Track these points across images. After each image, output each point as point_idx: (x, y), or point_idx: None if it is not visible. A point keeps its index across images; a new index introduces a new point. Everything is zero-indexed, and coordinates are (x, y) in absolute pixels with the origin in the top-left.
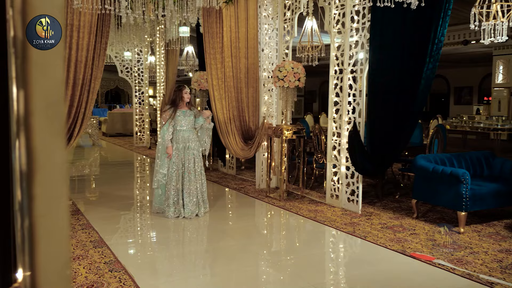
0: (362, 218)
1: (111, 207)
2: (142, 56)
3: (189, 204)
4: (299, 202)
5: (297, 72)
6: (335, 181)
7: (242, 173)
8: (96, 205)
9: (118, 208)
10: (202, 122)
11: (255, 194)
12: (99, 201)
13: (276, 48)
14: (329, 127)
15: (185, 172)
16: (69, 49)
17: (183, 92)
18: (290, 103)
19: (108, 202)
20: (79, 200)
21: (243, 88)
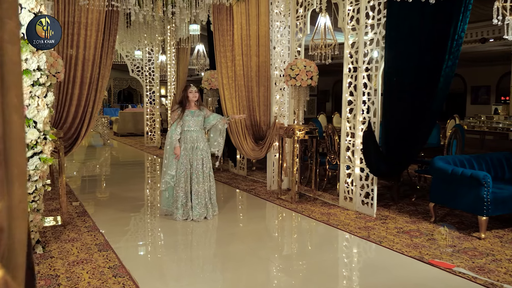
0: (377, 222)
1: (119, 209)
2: (153, 55)
3: (197, 207)
4: (311, 204)
5: (310, 71)
6: (349, 183)
7: (253, 174)
8: (104, 206)
9: (126, 210)
10: (214, 122)
11: (266, 196)
12: (107, 202)
13: (288, 46)
14: (343, 127)
15: (193, 173)
16: (76, 48)
17: (188, 91)
18: (302, 102)
19: (116, 204)
20: (87, 201)
21: (254, 87)
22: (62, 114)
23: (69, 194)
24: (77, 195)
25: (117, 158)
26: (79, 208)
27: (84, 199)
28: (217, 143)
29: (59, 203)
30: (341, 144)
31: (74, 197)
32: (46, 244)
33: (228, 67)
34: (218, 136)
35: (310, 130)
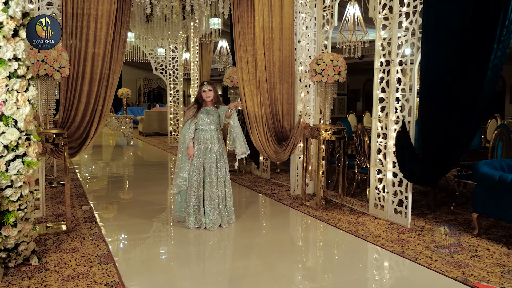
0: (412, 233)
1: (131, 214)
2: (177, 52)
3: (210, 214)
4: (338, 211)
5: (337, 65)
6: (380, 189)
7: (277, 176)
8: (115, 211)
9: (137, 216)
10: (223, 116)
11: (289, 202)
12: (119, 207)
13: (314, 39)
14: (373, 127)
15: (206, 177)
16: (85, 41)
17: (201, 90)
18: (329, 100)
19: (129, 208)
20: (99, 205)
21: (276, 83)
22: (70, 112)
23: (81, 196)
24: (90, 198)
25: (139, 158)
26: (88, 213)
27: (95, 202)
28: (232, 141)
29: None
30: (372, 145)
31: (86, 200)
32: (44, 254)
33: (248, 62)
34: (232, 132)
35: (338, 130)
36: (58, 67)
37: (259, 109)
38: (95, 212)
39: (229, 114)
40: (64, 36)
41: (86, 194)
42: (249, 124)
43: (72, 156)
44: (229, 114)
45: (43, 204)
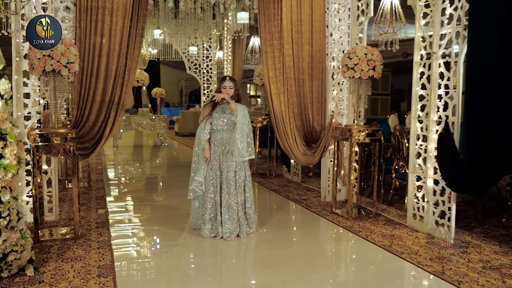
0: (455, 250)
1: (147, 220)
2: (211, 51)
3: (227, 222)
4: (371, 222)
5: (372, 59)
6: (419, 198)
7: (309, 180)
8: (131, 215)
9: (154, 222)
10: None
11: (319, 209)
12: (137, 211)
13: (347, 32)
14: (412, 128)
15: (223, 182)
16: (100, 36)
17: (222, 85)
18: (363, 98)
19: (146, 214)
20: (116, 208)
21: (306, 80)
22: (84, 111)
23: (101, 199)
24: (108, 201)
25: (170, 159)
26: (103, 217)
27: (113, 205)
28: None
29: (84, 210)
30: (410, 149)
31: (104, 203)
32: (44, 263)
33: (275, 58)
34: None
35: (372, 131)
36: (66, 63)
37: (286, 108)
38: (110, 216)
39: (234, 108)
40: (78, 31)
41: (107, 196)
42: (276, 125)
43: (85, 157)
44: (234, 108)
45: (55, 207)
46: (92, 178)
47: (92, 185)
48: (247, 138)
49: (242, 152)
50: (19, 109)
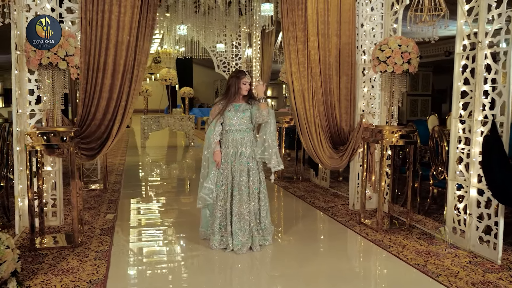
0: (503, 273)
1: (154, 226)
2: (240, 49)
3: (239, 233)
4: (404, 235)
5: (407, 51)
6: (460, 210)
7: (338, 186)
8: (140, 222)
9: (161, 229)
10: (255, 112)
11: (346, 219)
12: (146, 217)
13: (380, 22)
14: (453, 130)
15: (235, 188)
16: (107, 28)
17: (242, 81)
18: (396, 95)
19: (156, 220)
20: (126, 214)
21: (333, 76)
22: (90, 108)
23: (113, 202)
24: (121, 205)
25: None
26: (110, 223)
27: (124, 210)
28: (265, 148)
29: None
30: (451, 153)
31: (115, 208)
32: (32, 276)
33: (298, 51)
34: (265, 135)
35: (407, 133)
36: (64, 55)
37: (311, 107)
38: (118, 222)
39: (264, 107)
40: (84, 22)
41: (120, 200)
42: (299, 124)
43: (91, 158)
44: (264, 108)
45: (60, 211)
46: (111, 180)
47: (108, 187)
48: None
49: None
50: (21, 107)
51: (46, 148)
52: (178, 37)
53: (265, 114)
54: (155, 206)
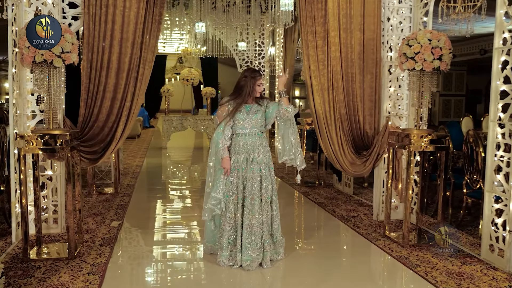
0: None
1: (159, 236)
2: (263, 48)
3: (248, 248)
4: (433, 252)
5: (438, 46)
6: (499, 225)
7: (363, 192)
8: (146, 231)
9: (168, 240)
10: (276, 113)
11: (369, 231)
12: (153, 226)
13: (409, 16)
14: (491, 135)
15: (246, 198)
16: (111, 24)
17: (257, 82)
18: (426, 95)
19: (164, 230)
20: (134, 221)
21: (355, 74)
22: (93, 110)
23: (121, 209)
24: (129, 212)
25: None
26: (113, 231)
27: (132, 217)
28: (289, 147)
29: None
30: (488, 160)
31: (122, 214)
32: None
33: (317, 47)
34: (288, 134)
35: (438, 137)
36: (60, 52)
37: (331, 108)
38: (122, 231)
39: (287, 102)
40: (86, 17)
41: (129, 205)
42: (318, 127)
43: (94, 162)
44: (287, 103)
45: (61, 218)
46: (124, 183)
47: (120, 191)
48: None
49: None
50: (20, 108)
51: (43, 152)
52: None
53: (290, 110)
54: (166, 214)
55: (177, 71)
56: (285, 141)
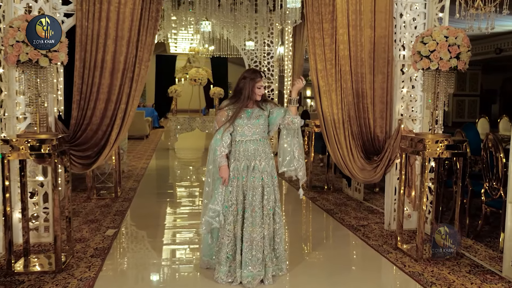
0: None
1: (156, 247)
2: (272, 47)
3: (248, 263)
4: (450, 267)
5: (455, 44)
6: None
7: (374, 198)
8: (141, 241)
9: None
10: (280, 120)
11: (379, 242)
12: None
13: (423, 12)
14: None
15: (246, 209)
16: (106, 21)
17: (257, 84)
18: (442, 97)
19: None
20: (131, 229)
21: (366, 74)
22: (86, 112)
23: (119, 215)
24: (127, 217)
25: None
26: (107, 241)
27: (129, 224)
28: (291, 158)
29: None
30: (510, 167)
31: (119, 221)
32: None
33: (324, 46)
34: (290, 144)
35: (455, 143)
36: (46, 51)
37: (339, 111)
38: (116, 240)
39: (295, 112)
40: (79, 14)
41: (128, 211)
42: (325, 131)
43: (87, 167)
44: (295, 113)
45: (52, 225)
46: (126, 186)
47: (121, 195)
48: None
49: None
50: (8, 110)
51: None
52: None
53: (297, 122)
54: (166, 222)
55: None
56: (285, 151)
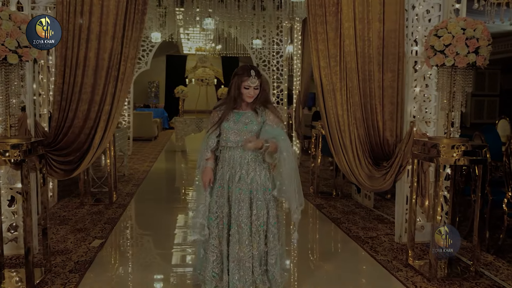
0: None
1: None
2: (282, 46)
3: (237, 285)
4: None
5: (473, 37)
6: None
7: (385, 206)
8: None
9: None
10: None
11: (389, 257)
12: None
13: (438, 3)
14: None
15: (232, 223)
16: (88, 15)
17: (244, 84)
18: (459, 97)
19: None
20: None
21: (374, 72)
22: (68, 113)
23: (109, 223)
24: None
25: None
26: (91, 252)
27: (119, 234)
28: (281, 183)
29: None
30: None
31: (109, 230)
32: None
33: (328, 41)
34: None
35: (473, 148)
36: (15, 47)
37: (344, 112)
38: (101, 252)
39: (275, 149)
40: (60, 7)
41: (120, 219)
42: (329, 134)
43: (70, 173)
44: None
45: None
46: (123, 191)
47: (116, 201)
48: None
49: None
50: None
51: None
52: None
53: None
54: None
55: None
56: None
